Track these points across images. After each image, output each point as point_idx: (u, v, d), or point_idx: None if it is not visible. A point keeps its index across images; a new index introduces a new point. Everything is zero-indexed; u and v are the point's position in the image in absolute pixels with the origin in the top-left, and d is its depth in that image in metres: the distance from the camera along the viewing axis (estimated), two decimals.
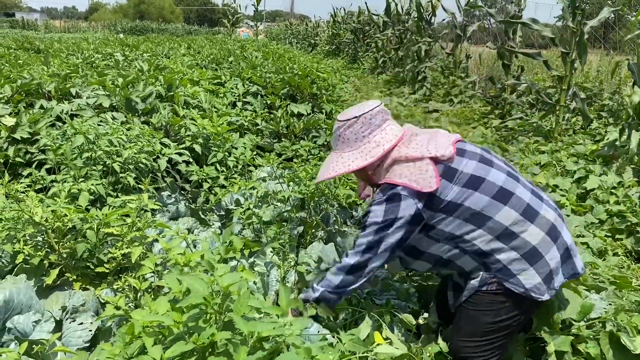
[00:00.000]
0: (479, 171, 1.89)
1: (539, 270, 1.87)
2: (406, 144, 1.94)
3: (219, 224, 3.51)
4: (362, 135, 1.97)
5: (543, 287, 1.88)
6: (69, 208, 2.57)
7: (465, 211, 1.86)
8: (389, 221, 1.87)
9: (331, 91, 7.09)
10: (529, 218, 1.86)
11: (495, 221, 1.85)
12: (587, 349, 2.13)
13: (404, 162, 1.90)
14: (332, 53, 21.28)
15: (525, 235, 1.85)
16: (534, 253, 1.86)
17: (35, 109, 4.38)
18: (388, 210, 1.87)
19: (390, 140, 1.95)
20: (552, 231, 1.90)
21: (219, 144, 4.14)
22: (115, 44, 13.57)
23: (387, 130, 1.98)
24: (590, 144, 5.54)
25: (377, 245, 1.91)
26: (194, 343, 1.44)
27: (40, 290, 2.40)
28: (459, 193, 1.85)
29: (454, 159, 1.90)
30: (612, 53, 10.87)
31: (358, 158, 1.97)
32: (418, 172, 1.85)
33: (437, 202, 1.86)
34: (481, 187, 1.86)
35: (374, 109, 1.98)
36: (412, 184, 1.83)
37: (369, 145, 1.97)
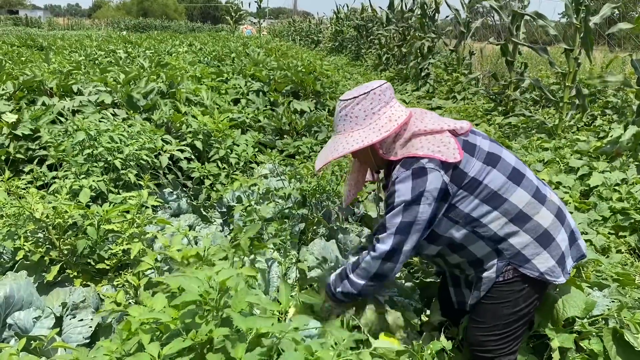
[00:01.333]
0: (493, 149, 1.88)
1: (552, 253, 1.86)
2: (420, 119, 1.87)
3: (220, 220, 3.50)
4: (371, 112, 1.87)
5: (557, 270, 1.87)
6: (70, 204, 2.56)
7: (484, 190, 1.81)
8: (417, 197, 1.77)
9: (334, 88, 7.07)
10: (539, 200, 1.86)
11: (510, 203, 1.82)
12: (590, 345, 2.12)
13: (422, 135, 1.82)
14: (335, 50, 21.26)
15: (537, 218, 1.84)
16: (546, 236, 1.85)
17: (37, 106, 4.37)
18: (416, 186, 1.77)
19: (402, 116, 1.86)
20: (560, 214, 1.91)
21: (220, 140, 4.13)
22: (118, 41, 13.58)
23: (396, 106, 1.89)
24: (594, 141, 5.51)
25: (410, 225, 1.80)
26: (191, 340, 1.43)
27: (40, 287, 2.40)
28: (480, 169, 1.81)
29: (470, 135, 1.88)
30: (617, 50, 10.81)
31: (370, 134, 1.85)
32: (440, 143, 1.78)
33: (461, 176, 1.80)
34: (498, 165, 1.84)
35: (382, 85, 1.89)
36: (436, 154, 1.75)
37: (380, 121, 1.86)
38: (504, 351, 1.99)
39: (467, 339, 2.06)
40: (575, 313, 2.10)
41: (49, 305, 2.21)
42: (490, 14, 10.99)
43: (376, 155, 1.98)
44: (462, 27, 10.14)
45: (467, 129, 1.87)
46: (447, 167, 1.77)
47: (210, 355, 1.40)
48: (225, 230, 3.36)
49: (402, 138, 1.86)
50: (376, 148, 1.92)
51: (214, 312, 1.51)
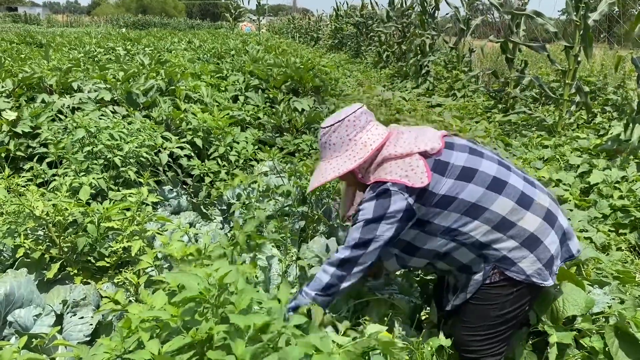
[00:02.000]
0: (470, 163, 1.89)
1: (539, 256, 1.86)
2: (394, 143, 1.93)
3: (220, 218, 3.50)
4: (347, 138, 1.95)
5: (545, 272, 1.87)
6: (70, 202, 2.56)
7: (460, 204, 1.85)
8: (379, 217, 1.85)
9: (334, 85, 7.06)
10: (524, 206, 1.86)
11: (491, 211, 1.84)
12: (592, 342, 2.12)
13: (393, 159, 1.88)
14: (335, 47, 21.23)
15: (522, 223, 1.85)
16: (533, 239, 1.86)
17: (36, 103, 4.37)
18: (378, 206, 1.86)
19: (377, 140, 1.94)
20: (549, 216, 1.90)
21: (220, 138, 4.12)
22: (117, 38, 13.56)
23: (372, 130, 1.97)
24: (594, 138, 5.51)
25: (368, 242, 1.89)
26: (191, 337, 1.43)
27: (41, 284, 2.40)
28: (452, 186, 1.85)
29: (443, 153, 1.90)
30: (617, 47, 10.79)
31: (346, 161, 1.95)
32: (409, 167, 1.84)
33: (430, 197, 1.85)
34: (474, 179, 1.86)
35: (356, 111, 1.97)
36: (402, 179, 1.82)
37: (356, 147, 1.94)
38: (489, 352, 2.00)
39: (453, 338, 2.06)
40: (575, 312, 2.10)
41: (49, 303, 2.21)
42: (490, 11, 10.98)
43: (356, 181, 2.07)
44: (462, 24, 10.13)
45: (438, 149, 1.88)
46: (413, 191, 1.83)
47: (211, 353, 1.40)
48: (226, 228, 3.36)
49: (375, 162, 1.93)
50: (355, 173, 2.00)
51: (214, 309, 1.51)
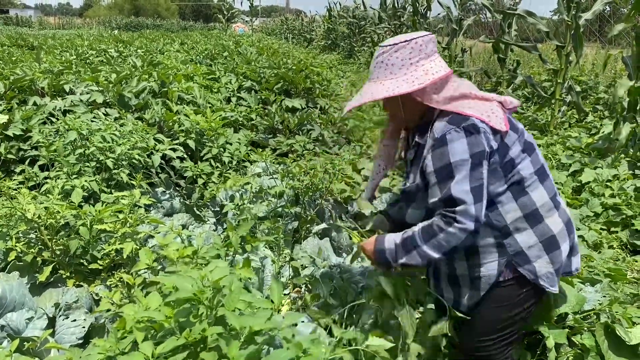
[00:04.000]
0: (531, 139, 1.82)
1: (553, 259, 1.80)
2: (467, 85, 1.78)
3: (214, 219, 3.50)
4: (409, 62, 1.74)
5: (553, 278, 1.81)
6: (62, 205, 2.55)
7: (514, 176, 1.74)
8: (478, 155, 1.63)
9: (326, 86, 7.06)
10: (555, 205, 1.82)
11: (529, 198, 1.76)
12: (583, 340, 2.13)
13: (472, 98, 1.72)
14: (328, 48, 21.23)
15: (549, 222, 1.78)
16: (552, 242, 1.79)
17: (28, 106, 4.35)
18: (472, 143, 1.63)
19: (439, 71, 1.74)
20: (569, 225, 1.86)
21: (213, 139, 4.12)
22: (109, 40, 13.51)
23: (436, 61, 1.77)
24: (586, 137, 5.54)
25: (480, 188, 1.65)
26: (185, 338, 1.43)
27: (33, 288, 2.39)
28: (518, 153, 1.74)
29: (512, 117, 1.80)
30: (608, 46, 10.86)
31: (402, 85, 1.73)
32: (490, 110, 1.69)
33: (502, 153, 1.70)
34: (532, 156, 1.78)
35: (425, 37, 1.76)
36: (485, 117, 1.66)
37: (416, 73, 1.73)
38: (498, 356, 1.92)
39: (460, 342, 1.99)
40: (566, 309, 2.12)
41: (42, 306, 2.21)
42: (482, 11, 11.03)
43: (408, 108, 1.83)
44: (454, 24, 10.16)
45: (516, 104, 1.79)
46: (495, 133, 1.68)
47: (204, 354, 1.40)
48: (219, 230, 3.36)
49: (450, 94, 1.73)
50: (413, 96, 1.77)
51: (208, 310, 1.51)
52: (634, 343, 2.01)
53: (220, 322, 1.51)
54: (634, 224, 3.63)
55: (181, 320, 1.50)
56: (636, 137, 4.85)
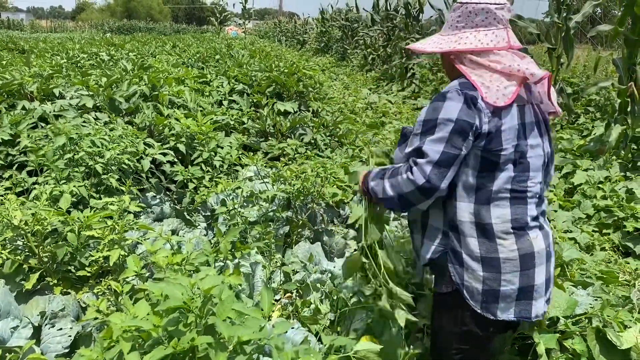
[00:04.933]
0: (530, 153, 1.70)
1: (487, 279, 1.67)
2: (508, 57, 1.69)
3: (204, 224, 3.47)
4: (455, 26, 1.75)
5: (479, 298, 1.68)
6: (49, 211, 2.52)
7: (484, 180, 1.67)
8: (464, 123, 1.59)
9: (318, 89, 7.05)
10: (516, 231, 1.68)
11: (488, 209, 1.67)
12: (574, 345, 2.12)
13: (492, 70, 1.66)
14: (321, 50, 21.26)
15: (499, 245, 1.67)
16: (495, 265, 1.67)
17: (17, 110, 4.31)
18: (465, 111, 1.60)
19: (470, 44, 1.69)
20: (529, 259, 1.68)
21: (204, 143, 4.09)
22: (101, 43, 13.45)
23: (481, 34, 1.71)
24: (578, 139, 5.56)
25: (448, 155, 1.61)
26: (173, 348, 1.40)
27: (19, 295, 2.35)
28: (506, 160, 1.65)
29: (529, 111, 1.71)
30: (599, 48, 10.92)
31: (439, 43, 1.77)
32: (498, 82, 1.63)
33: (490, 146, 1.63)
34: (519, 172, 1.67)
35: (480, 4, 1.70)
36: (482, 89, 1.62)
37: (452, 38, 1.74)
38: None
39: None
40: (557, 313, 2.11)
41: (28, 314, 2.17)
42: None
43: (446, 65, 1.86)
44: None
45: (539, 76, 1.64)
46: (494, 116, 1.62)
47: None
48: (210, 235, 3.33)
49: (477, 62, 1.68)
50: (447, 56, 1.78)
51: (197, 319, 1.49)
52: (625, 347, 2.00)
53: (209, 331, 1.49)
54: (626, 225, 3.63)
55: (170, 329, 1.48)
56: (627, 138, 4.87)
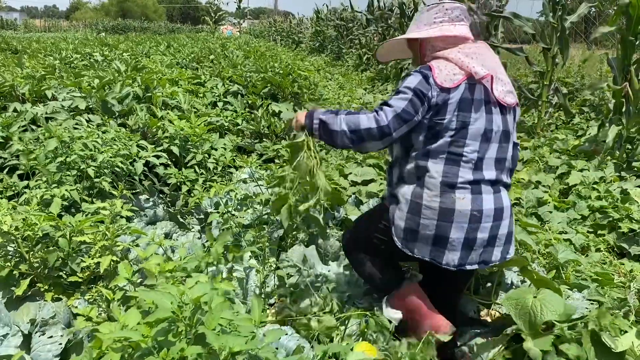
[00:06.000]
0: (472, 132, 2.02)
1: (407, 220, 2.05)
2: (460, 52, 2.08)
3: (198, 227, 3.44)
4: (434, 20, 2.15)
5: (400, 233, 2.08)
6: (40, 215, 2.49)
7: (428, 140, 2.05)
8: (418, 90, 2.01)
9: (313, 90, 7.03)
10: (442, 188, 2.00)
11: (426, 166, 2.03)
12: (569, 349, 2.11)
13: (448, 60, 2.06)
14: (316, 50, 21.24)
15: (425, 195, 2.03)
16: (417, 209, 2.04)
17: (8, 112, 4.27)
18: (419, 82, 2.02)
19: (450, 31, 2.12)
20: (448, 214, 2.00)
21: (197, 145, 4.06)
22: (94, 43, 13.38)
23: (458, 28, 2.15)
24: (573, 139, 5.55)
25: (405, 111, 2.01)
26: (162, 358, 1.38)
27: (10, 302, 2.32)
28: (447, 126, 2.01)
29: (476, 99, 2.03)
30: (594, 48, 10.94)
31: (422, 32, 2.17)
32: (449, 71, 2.02)
33: (435, 112, 2.02)
34: (457, 139, 2.01)
35: (454, 3, 2.17)
36: (437, 73, 2.02)
37: (435, 29, 2.14)
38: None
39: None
40: (553, 317, 2.09)
41: (19, 321, 2.14)
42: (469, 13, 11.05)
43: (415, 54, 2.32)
44: None
45: (481, 75, 2.02)
46: (442, 91, 2.00)
47: None
48: (203, 238, 3.30)
49: (440, 52, 2.11)
50: (422, 46, 2.23)
51: (187, 329, 1.47)
52: (620, 350, 1.99)
53: (199, 340, 1.47)
54: (621, 226, 3.63)
55: (160, 340, 1.46)
56: (622, 139, 4.87)
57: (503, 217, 2.08)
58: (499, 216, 2.06)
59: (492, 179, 2.07)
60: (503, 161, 2.12)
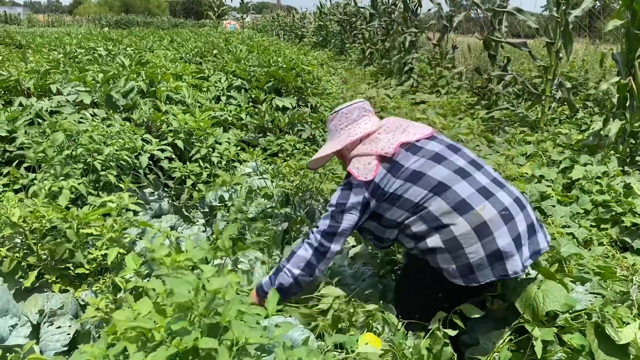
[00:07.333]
0: (422, 167, 2.12)
1: (455, 257, 2.03)
2: (369, 142, 2.25)
3: (203, 220, 3.47)
4: (339, 127, 2.37)
5: (457, 274, 2.05)
6: (48, 207, 2.51)
7: (405, 203, 2.10)
8: (341, 206, 2.18)
9: (317, 84, 7.04)
10: (459, 212, 2.02)
11: (428, 211, 2.06)
12: (571, 340, 2.13)
13: (360, 156, 2.21)
14: (320, 45, 21.20)
15: (452, 227, 2.02)
16: (455, 243, 2.02)
17: (13, 107, 4.29)
18: (341, 196, 2.19)
19: (356, 134, 2.31)
20: (483, 229, 2.01)
21: (202, 139, 4.08)
22: (98, 38, 13.39)
23: (361, 125, 2.33)
24: (576, 134, 5.55)
25: (335, 227, 2.18)
26: (176, 347, 1.40)
27: (18, 293, 2.35)
28: (400, 186, 2.11)
29: (402, 156, 2.17)
30: (598, 42, 10.90)
31: (333, 146, 2.37)
32: (364, 164, 2.17)
33: (381, 194, 2.14)
34: (421, 181, 2.09)
35: (350, 106, 2.37)
36: (356, 173, 2.17)
37: (343, 136, 2.35)
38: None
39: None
40: (555, 307, 2.11)
41: (27, 311, 2.17)
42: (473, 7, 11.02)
43: (343, 161, 2.50)
44: (445, 21, 10.16)
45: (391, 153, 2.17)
46: (367, 184, 2.15)
47: None
48: (208, 231, 3.33)
49: (355, 152, 2.27)
50: (341, 153, 2.43)
51: (201, 318, 1.48)
52: (623, 342, 2.01)
53: (212, 330, 1.49)
54: (624, 220, 3.63)
55: (174, 328, 1.47)
56: (625, 133, 4.87)
57: (524, 204, 2.14)
58: (522, 205, 2.12)
59: (487, 179, 2.14)
60: (474, 162, 2.21)
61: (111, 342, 1.52)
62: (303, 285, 2.26)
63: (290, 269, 2.22)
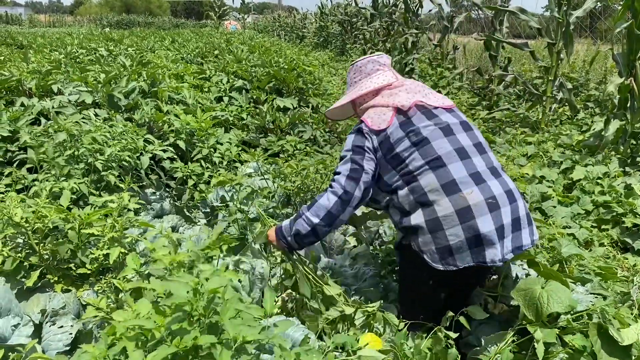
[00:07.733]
0: (431, 135, 2.12)
1: (436, 238, 2.02)
2: (388, 95, 2.25)
3: (204, 221, 3.48)
4: (354, 81, 2.40)
5: (436, 256, 2.03)
6: (50, 208, 2.52)
7: (403, 169, 2.11)
8: (358, 148, 2.18)
9: (318, 85, 7.04)
10: (446, 192, 2.02)
11: (418, 184, 2.06)
12: (573, 340, 2.13)
13: (376, 107, 2.23)
14: (321, 45, 21.19)
15: (436, 207, 2.01)
16: (436, 224, 2.02)
17: (15, 107, 4.30)
18: (356, 140, 2.20)
19: (370, 87, 2.31)
20: (466, 212, 2.00)
21: (203, 139, 4.09)
22: (99, 38, 13.40)
23: (374, 79, 2.33)
24: (577, 135, 5.55)
25: (355, 170, 2.17)
26: (176, 347, 1.40)
27: (20, 293, 2.36)
28: (406, 148, 2.11)
29: (416, 116, 2.16)
30: (599, 43, 10.89)
31: (345, 98, 2.41)
32: (379, 114, 2.19)
33: (388, 148, 2.14)
34: (425, 147, 2.09)
35: (365, 59, 2.39)
36: (370, 122, 2.18)
37: (355, 88, 2.37)
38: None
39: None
40: (559, 309, 2.11)
41: (29, 311, 2.17)
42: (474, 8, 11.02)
43: (356, 112, 2.48)
44: (446, 21, 10.16)
45: (407, 106, 2.18)
46: (377, 132, 2.16)
47: None
48: (210, 231, 3.33)
49: (369, 104, 2.28)
50: (354, 108, 2.46)
51: (201, 318, 1.49)
52: (626, 344, 2.01)
53: (212, 329, 1.49)
54: (624, 221, 3.63)
55: (174, 328, 1.48)
56: (626, 134, 4.87)
57: (515, 198, 2.11)
58: (512, 198, 2.10)
59: (485, 164, 2.13)
60: (480, 145, 2.19)
61: (111, 342, 1.52)
62: (320, 235, 2.24)
63: (310, 217, 2.19)
